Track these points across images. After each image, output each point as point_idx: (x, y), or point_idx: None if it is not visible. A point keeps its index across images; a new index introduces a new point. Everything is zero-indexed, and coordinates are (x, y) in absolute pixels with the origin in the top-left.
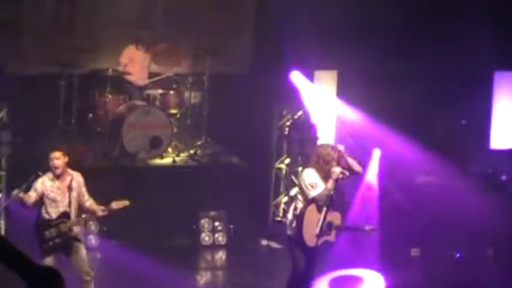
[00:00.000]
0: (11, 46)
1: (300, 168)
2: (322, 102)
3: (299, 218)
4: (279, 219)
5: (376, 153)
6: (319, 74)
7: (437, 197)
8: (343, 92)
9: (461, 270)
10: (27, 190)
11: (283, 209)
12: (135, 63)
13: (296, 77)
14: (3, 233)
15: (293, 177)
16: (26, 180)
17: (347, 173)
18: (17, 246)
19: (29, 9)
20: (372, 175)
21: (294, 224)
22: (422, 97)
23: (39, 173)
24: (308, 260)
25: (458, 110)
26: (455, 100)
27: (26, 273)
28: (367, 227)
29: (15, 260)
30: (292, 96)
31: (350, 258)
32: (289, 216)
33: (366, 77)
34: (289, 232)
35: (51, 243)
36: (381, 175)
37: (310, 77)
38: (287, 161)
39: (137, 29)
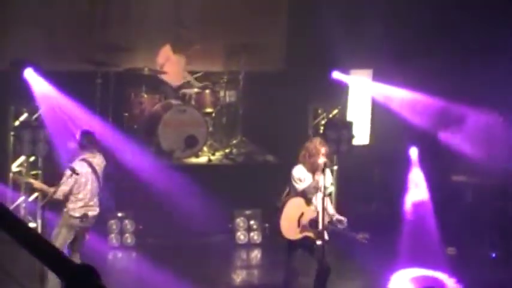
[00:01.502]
0: (47, 44)
1: (336, 168)
2: (358, 100)
3: (279, 209)
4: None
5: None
6: (354, 72)
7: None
8: (379, 90)
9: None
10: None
11: None
12: (171, 64)
13: (336, 76)
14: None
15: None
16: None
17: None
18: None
19: (65, 7)
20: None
21: None
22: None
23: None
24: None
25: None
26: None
27: (62, 270)
28: (360, 235)
29: (51, 258)
30: (327, 94)
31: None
32: None
33: (401, 76)
34: None
35: None
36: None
37: (346, 75)
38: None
39: (173, 28)
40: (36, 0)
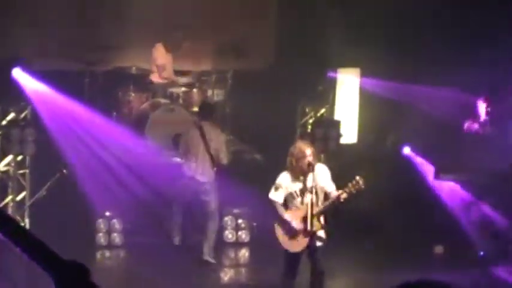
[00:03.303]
0: (36, 43)
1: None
2: (346, 99)
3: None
4: None
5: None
6: (342, 71)
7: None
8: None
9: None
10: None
11: None
12: (168, 62)
13: (324, 74)
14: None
15: None
16: (50, 178)
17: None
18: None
19: (55, 6)
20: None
21: None
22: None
23: (64, 171)
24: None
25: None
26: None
27: (52, 267)
28: None
29: (41, 254)
30: (315, 93)
31: None
32: None
33: (390, 75)
34: None
35: None
36: None
37: (334, 74)
38: None
39: (162, 27)
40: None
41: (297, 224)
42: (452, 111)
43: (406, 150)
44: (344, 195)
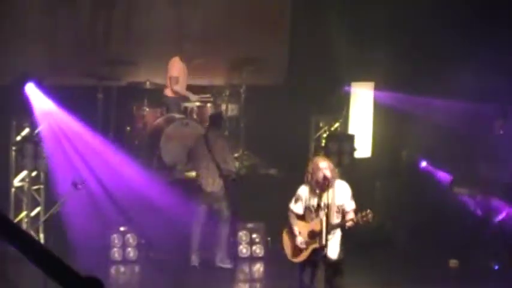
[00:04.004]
0: (48, 58)
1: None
2: (359, 113)
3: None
4: None
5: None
6: (356, 85)
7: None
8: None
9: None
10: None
11: None
12: (184, 75)
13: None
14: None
15: None
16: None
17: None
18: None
19: (66, 21)
20: None
21: None
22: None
23: (79, 186)
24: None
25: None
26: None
27: (68, 282)
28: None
29: (57, 269)
30: (329, 107)
31: None
32: None
33: (403, 88)
34: None
35: None
36: None
37: (348, 88)
38: None
39: (175, 42)
40: (38, 15)
41: (300, 240)
42: (467, 123)
43: (422, 164)
44: (350, 224)
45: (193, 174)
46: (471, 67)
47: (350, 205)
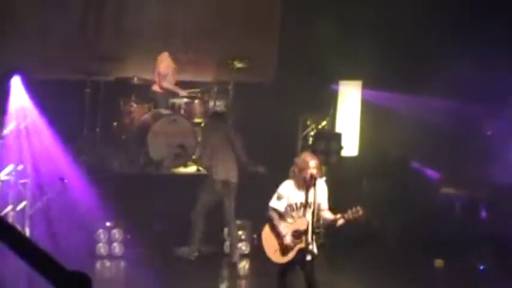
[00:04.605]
0: (38, 53)
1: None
2: (347, 111)
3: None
4: None
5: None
6: (343, 83)
7: (462, 208)
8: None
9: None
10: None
11: None
12: (173, 71)
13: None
14: None
15: None
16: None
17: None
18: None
19: (56, 17)
20: None
21: None
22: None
23: (65, 181)
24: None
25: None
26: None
27: (54, 276)
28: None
29: (43, 263)
30: (317, 105)
31: None
32: None
33: (390, 88)
34: None
35: None
36: None
37: (335, 86)
38: None
39: (164, 37)
40: (29, 11)
41: (289, 239)
42: (456, 122)
43: (409, 163)
44: (341, 221)
45: (180, 169)
46: (460, 66)
47: (325, 204)
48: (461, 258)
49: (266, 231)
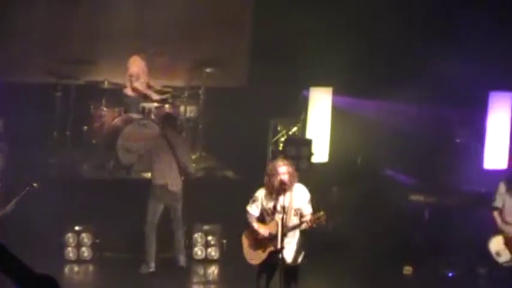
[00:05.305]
0: (8, 56)
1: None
2: (317, 117)
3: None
4: None
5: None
6: (314, 90)
7: (430, 216)
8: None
9: None
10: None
11: None
12: (143, 74)
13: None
14: None
15: None
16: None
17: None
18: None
19: (26, 19)
20: None
21: None
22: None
23: (34, 185)
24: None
25: (453, 129)
26: (450, 119)
27: (22, 279)
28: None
29: (11, 266)
30: (287, 111)
31: None
32: None
33: (360, 95)
34: None
35: None
36: None
37: (306, 92)
38: None
39: (135, 41)
40: None
41: (264, 231)
42: (426, 129)
43: (379, 169)
44: (304, 226)
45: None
46: (430, 73)
47: (308, 209)
48: (430, 265)
49: (245, 235)
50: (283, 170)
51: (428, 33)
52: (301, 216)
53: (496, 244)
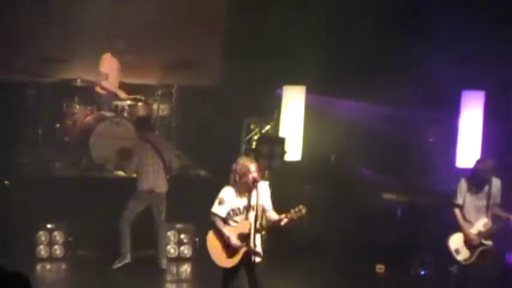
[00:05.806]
0: None
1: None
2: (290, 116)
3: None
4: None
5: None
6: (287, 88)
7: (403, 214)
8: (313, 107)
9: None
10: None
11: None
12: (114, 71)
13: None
14: None
15: None
16: None
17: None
18: None
19: None
20: None
21: None
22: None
23: (6, 182)
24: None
25: (425, 128)
26: (423, 118)
27: None
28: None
29: None
30: (260, 110)
31: None
32: None
33: (334, 94)
34: None
35: None
36: None
37: (280, 91)
38: None
39: (108, 39)
40: None
41: (235, 240)
42: (398, 129)
43: (351, 168)
44: (285, 221)
45: (121, 173)
46: (403, 72)
47: (269, 204)
48: (403, 263)
49: (210, 237)
50: (253, 167)
51: (401, 33)
52: (264, 212)
53: (455, 242)
